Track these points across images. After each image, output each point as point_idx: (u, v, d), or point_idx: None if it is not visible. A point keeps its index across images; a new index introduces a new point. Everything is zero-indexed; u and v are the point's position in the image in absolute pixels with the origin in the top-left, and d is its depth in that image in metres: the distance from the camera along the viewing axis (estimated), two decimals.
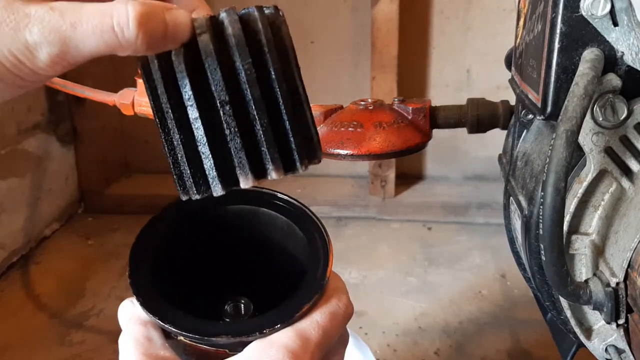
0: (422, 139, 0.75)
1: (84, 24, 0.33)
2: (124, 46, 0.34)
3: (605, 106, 0.48)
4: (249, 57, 0.36)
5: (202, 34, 0.36)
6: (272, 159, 0.37)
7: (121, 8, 0.33)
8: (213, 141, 0.36)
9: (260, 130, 0.36)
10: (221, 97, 0.36)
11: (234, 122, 0.36)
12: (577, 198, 0.51)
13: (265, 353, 0.37)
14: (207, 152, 0.36)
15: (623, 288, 0.48)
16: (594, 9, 0.49)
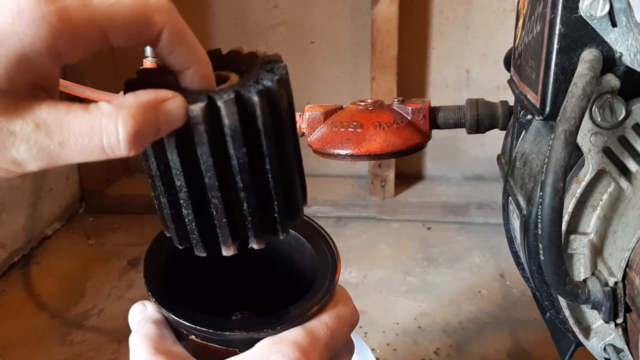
0: (422, 139, 0.75)
1: (72, 144, 0.31)
2: (110, 157, 0.32)
3: (603, 107, 0.49)
4: (243, 146, 0.36)
5: (198, 125, 0.34)
6: (256, 236, 0.38)
7: (111, 128, 0.31)
8: (198, 214, 0.37)
9: (247, 211, 0.37)
10: (210, 181, 0.36)
11: (221, 203, 0.36)
12: (576, 198, 0.51)
13: (275, 348, 0.38)
14: (192, 222, 0.37)
15: (621, 287, 0.48)
16: (592, 10, 0.49)
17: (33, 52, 0.30)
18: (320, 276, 0.43)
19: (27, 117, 0.31)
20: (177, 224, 0.37)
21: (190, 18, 1.82)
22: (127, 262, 1.46)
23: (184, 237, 0.38)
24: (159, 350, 0.38)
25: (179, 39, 0.35)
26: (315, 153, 0.77)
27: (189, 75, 0.36)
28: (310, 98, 1.72)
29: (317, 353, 0.39)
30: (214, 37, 1.71)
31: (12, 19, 0.29)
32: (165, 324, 0.41)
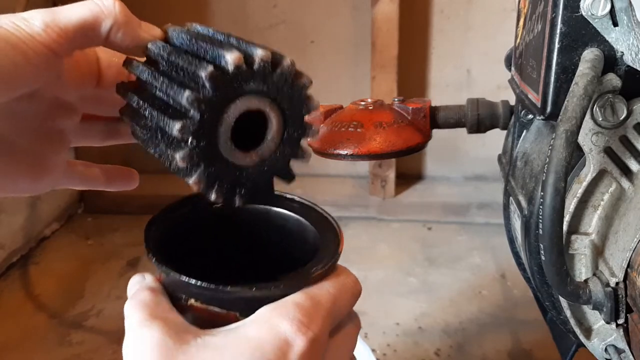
0: (422, 139, 0.75)
1: (69, 6, 0.40)
2: (105, 13, 0.41)
3: (604, 106, 0.48)
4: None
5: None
6: (200, 67, 0.39)
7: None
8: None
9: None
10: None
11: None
12: (577, 198, 0.51)
13: (276, 312, 0.37)
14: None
15: (622, 288, 0.48)
16: (594, 9, 0.49)
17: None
18: (322, 249, 0.42)
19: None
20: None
21: (190, 17, 1.81)
22: (127, 262, 1.45)
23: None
24: (154, 315, 0.37)
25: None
26: (315, 153, 0.77)
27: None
28: None
29: (319, 317, 0.38)
30: None
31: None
32: (162, 291, 0.40)
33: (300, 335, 0.36)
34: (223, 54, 0.37)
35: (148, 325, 0.36)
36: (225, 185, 0.40)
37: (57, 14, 0.39)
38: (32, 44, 0.38)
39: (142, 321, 0.37)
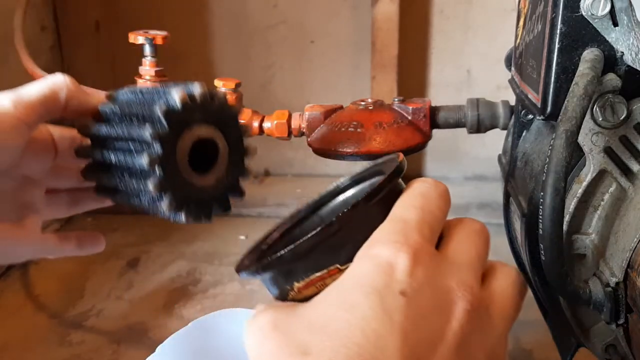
0: (422, 139, 0.75)
1: (30, 86, 0.47)
2: (59, 85, 0.49)
3: (605, 106, 0.48)
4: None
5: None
6: (167, 96, 0.45)
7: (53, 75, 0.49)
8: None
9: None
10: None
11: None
12: (577, 198, 0.51)
13: (368, 245, 0.35)
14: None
15: (623, 288, 0.48)
16: (594, 9, 0.49)
17: None
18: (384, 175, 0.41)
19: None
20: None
21: (190, 17, 1.81)
22: (126, 262, 1.45)
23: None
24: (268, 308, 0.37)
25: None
26: (315, 153, 0.77)
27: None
28: (310, 98, 1.71)
29: (412, 230, 0.35)
30: (214, 37, 1.71)
31: None
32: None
33: (401, 254, 0.33)
34: (169, 94, 0.44)
35: (261, 313, 0.36)
36: (192, 206, 0.46)
37: (20, 92, 0.46)
38: (6, 118, 0.44)
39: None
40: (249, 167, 0.52)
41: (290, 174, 1.83)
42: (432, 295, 0.33)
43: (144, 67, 0.83)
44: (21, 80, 0.55)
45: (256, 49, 1.71)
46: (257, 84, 1.72)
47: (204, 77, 1.14)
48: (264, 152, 1.80)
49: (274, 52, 1.71)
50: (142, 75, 0.83)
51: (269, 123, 0.79)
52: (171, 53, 1.55)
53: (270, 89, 1.73)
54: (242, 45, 1.71)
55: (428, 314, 0.32)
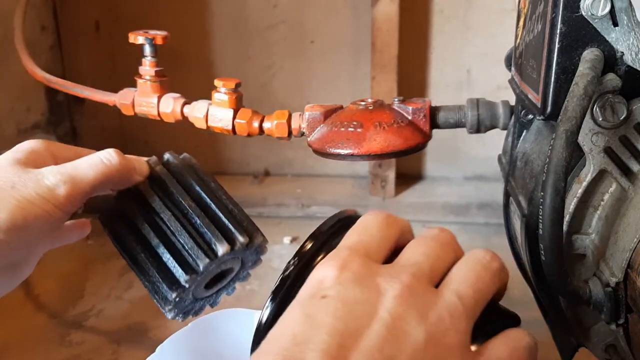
0: (422, 139, 0.75)
1: (82, 164, 0.48)
2: (112, 173, 0.49)
3: (605, 106, 0.48)
4: (194, 172, 0.54)
5: (158, 166, 0.53)
6: (217, 238, 0.50)
7: (104, 151, 0.50)
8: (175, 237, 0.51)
9: (202, 224, 0.50)
10: (185, 198, 0.51)
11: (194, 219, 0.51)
12: (577, 198, 0.51)
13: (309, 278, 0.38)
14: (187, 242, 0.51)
15: (623, 288, 0.48)
16: (594, 9, 0.49)
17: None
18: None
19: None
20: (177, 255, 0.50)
21: (190, 18, 1.81)
22: (126, 262, 1.45)
23: (186, 264, 0.49)
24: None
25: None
26: (315, 153, 0.77)
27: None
28: (310, 98, 1.71)
29: (345, 249, 0.38)
30: (214, 37, 1.71)
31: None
32: None
33: (329, 268, 0.36)
34: (215, 242, 0.49)
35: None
36: (188, 311, 0.53)
37: (76, 181, 0.47)
38: (55, 213, 0.46)
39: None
40: (250, 274, 0.57)
41: (290, 174, 1.83)
42: (360, 291, 0.34)
43: (144, 67, 0.83)
44: (21, 80, 0.55)
45: (256, 49, 1.71)
46: (257, 84, 1.71)
47: (204, 77, 1.13)
48: (264, 152, 1.81)
49: (274, 52, 1.71)
50: (142, 75, 0.83)
51: (269, 123, 0.79)
52: (171, 53, 1.55)
53: (270, 89, 1.73)
54: (242, 45, 1.71)
55: (355, 307, 0.33)
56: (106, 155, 0.49)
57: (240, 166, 1.83)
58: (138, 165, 0.52)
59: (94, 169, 0.48)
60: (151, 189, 0.51)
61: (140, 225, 0.50)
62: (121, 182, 0.51)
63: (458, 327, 0.34)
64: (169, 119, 0.84)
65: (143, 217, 0.51)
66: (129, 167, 0.51)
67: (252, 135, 0.80)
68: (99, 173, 0.48)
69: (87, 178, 0.47)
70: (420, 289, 0.35)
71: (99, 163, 0.48)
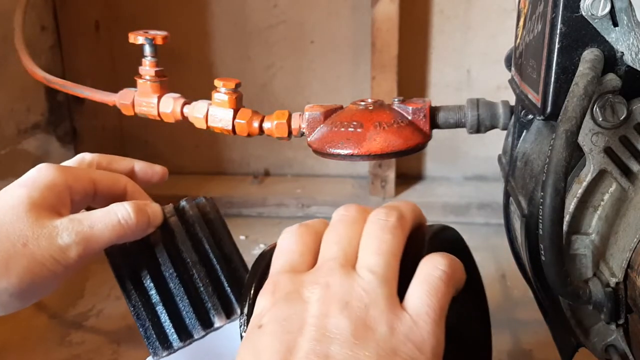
0: (422, 139, 0.75)
1: (99, 224, 0.46)
2: (127, 233, 0.48)
3: (605, 106, 0.48)
4: (207, 226, 0.53)
5: (172, 217, 0.52)
6: (215, 309, 0.50)
7: (121, 207, 0.48)
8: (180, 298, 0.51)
9: (205, 291, 0.50)
10: (192, 258, 0.51)
11: (200, 279, 0.51)
12: (577, 198, 0.51)
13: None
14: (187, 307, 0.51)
15: (623, 288, 0.48)
16: (594, 9, 0.49)
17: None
18: None
19: (62, 215, 0.46)
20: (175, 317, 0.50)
21: (190, 18, 1.81)
22: None
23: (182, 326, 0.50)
24: None
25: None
26: (315, 153, 0.77)
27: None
28: (310, 98, 1.71)
29: (273, 273, 0.40)
30: (213, 37, 1.71)
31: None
32: None
33: (262, 298, 0.38)
34: (214, 314, 0.50)
35: None
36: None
37: (90, 242, 0.46)
38: (64, 273, 0.45)
39: None
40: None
41: (290, 174, 1.83)
42: (289, 307, 0.36)
43: (144, 67, 0.83)
44: (21, 80, 0.54)
45: (256, 49, 1.71)
46: (257, 84, 1.71)
47: (204, 77, 1.13)
48: (264, 152, 1.81)
49: (274, 52, 1.71)
50: (142, 75, 0.83)
51: (269, 123, 0.79)
52: (171, 53, 1.55)
53: (270, 89, 1.73)
54: (242, 45, 1.71)
55: (286, 324, 0.35)
56: (124, 214, 0.47)
57: (240, 166, 1.83)
58: (152, 217, 0.50)
59: (110, 230, 0.47)
60: (161, 239, 0.51)
61: (144, 277, 0.50)
62: (135, 237, 0.50)
63: (376, 299, 0.35)
64: (169, 119, 0.83)
65: (147, 268, 0.50)
66: (145, 223, 0.49)
67: (252, 135, 0.80)
68: (115, 233, 0.47)
69: (102, 239, 0.46)
70: (338, 281, 0.36)
71: (116, 224, 0.47)
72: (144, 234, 0.50)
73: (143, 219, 0.49)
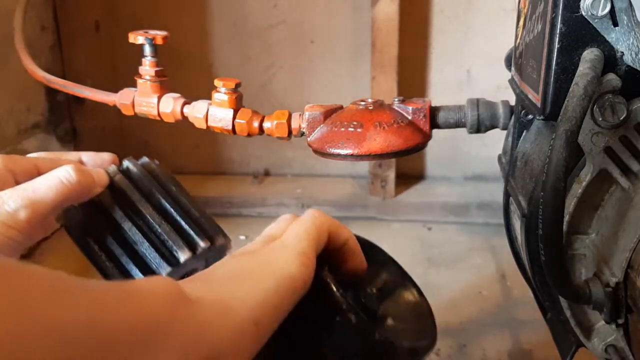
0: (422, 139, 0.74)
1: (41, 186, 0.48)
2: (71, 191, 0.49)
3: (604, 106, 0.48)
4: (154, 180, 0.54)
5: (117, 175, 0.53)
6: (178, 246, 0.51)
7: (61, 169, 0.49)
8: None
9: (163, 232, 0.52)
10: (145, 207, 0.52)
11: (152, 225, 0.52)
12: (577, 198, 0.51)
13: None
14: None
15: (623, 288, 0.48)
16: (594, 9, 0.49)
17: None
18: None
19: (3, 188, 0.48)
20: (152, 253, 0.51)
21: (190, 17, 1.81)
22: None
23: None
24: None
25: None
26: (315, 153, 0.77)
27: None
28: (310, 98, 1.71)
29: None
30: (213, 37, 1.71)
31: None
32: None
33: None
34: (177, 250, 0.51)
35: None
36: None
37: (36, 204, 0.47)
38: (18, 238, 0.46)
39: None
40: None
41: (290, 174, 1.83)
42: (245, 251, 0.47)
43: (144, 67, 0.83)
44: (21, 80, 0.55)
45: (256, 49, 1.71)
46: (257, 84, 1.71)
47: (204, 77, 1.13)
48: (264, 152, 1.81)
49: (274, 52, 1.71)
50: (142, 75, 0.83)
51: (269, 123, 0.79)
52: (171, 53, 1.55)
53: (270, 89, 1.73)
54: (242, 45, 1.71)
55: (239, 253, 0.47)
56: (64, 174, 0.49)
57: (240, 166, 1.83)
58: (97, 178, 0.52)
59: (53, 190, 0.48)
60: (112, 199, 0.52)
61: (104, 236, 0.52)
62: (81, 197, 0.51)
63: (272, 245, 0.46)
64: (169, 119, 0.83)
65: (106, 228, 0.52)
66: (89, 182, 0.51)
67: (252, 135, 0.80)
68: (59, 193, 0.48)
69: (47, 200, 0.47)
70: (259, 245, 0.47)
71: (58, 183, 0.48)
72: (92, 194, 0.52)
73: (85, 178, 0.50)
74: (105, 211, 0.52)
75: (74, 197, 0.50)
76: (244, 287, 0.38)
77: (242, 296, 0.37)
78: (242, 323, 0.35)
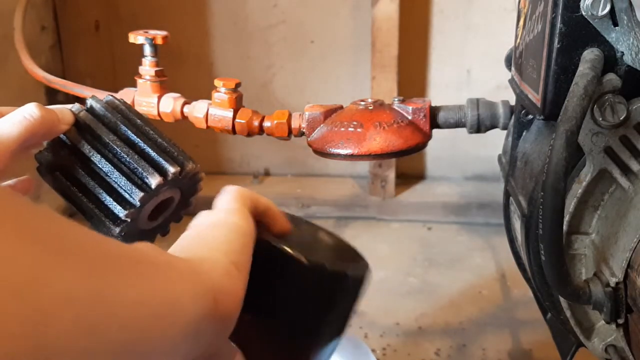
0: (422, 139, 0.75)
1: (5, 124, 0.48)
2: (35, 126, 0.49)
3: (604, 106, 0.48)
4: (119, 114, 0.55)
5: (81, 112, 0.54)
6: (148, 172, 0.52)
7: (25, 107, 0.50)
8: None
9: (132, 161, 0.53)
10: (112, 139, 0.53)
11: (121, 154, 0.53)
12: (577, 198, 0.51)
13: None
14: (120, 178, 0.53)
15: (623, 288, 0.48)
16: (594, 9, 0.49)
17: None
18: None
19: None
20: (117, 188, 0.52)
21: (190, 17, 1.81)
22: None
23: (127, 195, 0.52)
24: None
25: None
26: (315, 153, 0.77)
27: None
28: (310, 98, 1.71)
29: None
30: (214, 37, 1.71)
31: None
32: None
33: None
34: (147, 176, 0.52)
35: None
36: (137, 238, 0.52)
37: (1, 141, 0.47)
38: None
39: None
40: (192, 202, 0.59)
41: (290, 174, 1.83)
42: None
43: (144, 67, 0.83)
44: (21, 80, 0.55)
45: (256, 49, 1.71)
46: (257, 84, 1.71)
47: (204, 77, 1.13)
48: (264, 152, 1.81)
49: (274, 52, 1.71)
50: (142, 75, 0.83)
51: (269, 123, 0.79)
52: (171, 53, 1.55)
53: (270, 89, 1.73)
54: (242, 45, 1.71)
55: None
56: (27, 110, 0.49)
57: (240, 166, 1.83)
58: (61, 115, 0.53)
59: (17, 125, 0.48)
60: (79, 135, 0.53)
61: (75, 172, 0.53)
62: (48, 134, 0.51)
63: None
64: (169, 119, 0.83)
65: (76, 164, 0.53)
66: (52, 118, 0.51)
67: (252, 135, 0.80)
68: (23, 129, 0.48)
69: (12, 136, 0.48)
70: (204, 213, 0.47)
71: (22, 119, 0.49)
72: (58, 131, 0.52)
73: (49, 114, 0.51)
74: (73, 147, 0.53)
75: (39, 132, 0.50)
76: (212, 242, 0.41)
77: (215, 247, 0.40)
78: (225, 267, 0.38)
